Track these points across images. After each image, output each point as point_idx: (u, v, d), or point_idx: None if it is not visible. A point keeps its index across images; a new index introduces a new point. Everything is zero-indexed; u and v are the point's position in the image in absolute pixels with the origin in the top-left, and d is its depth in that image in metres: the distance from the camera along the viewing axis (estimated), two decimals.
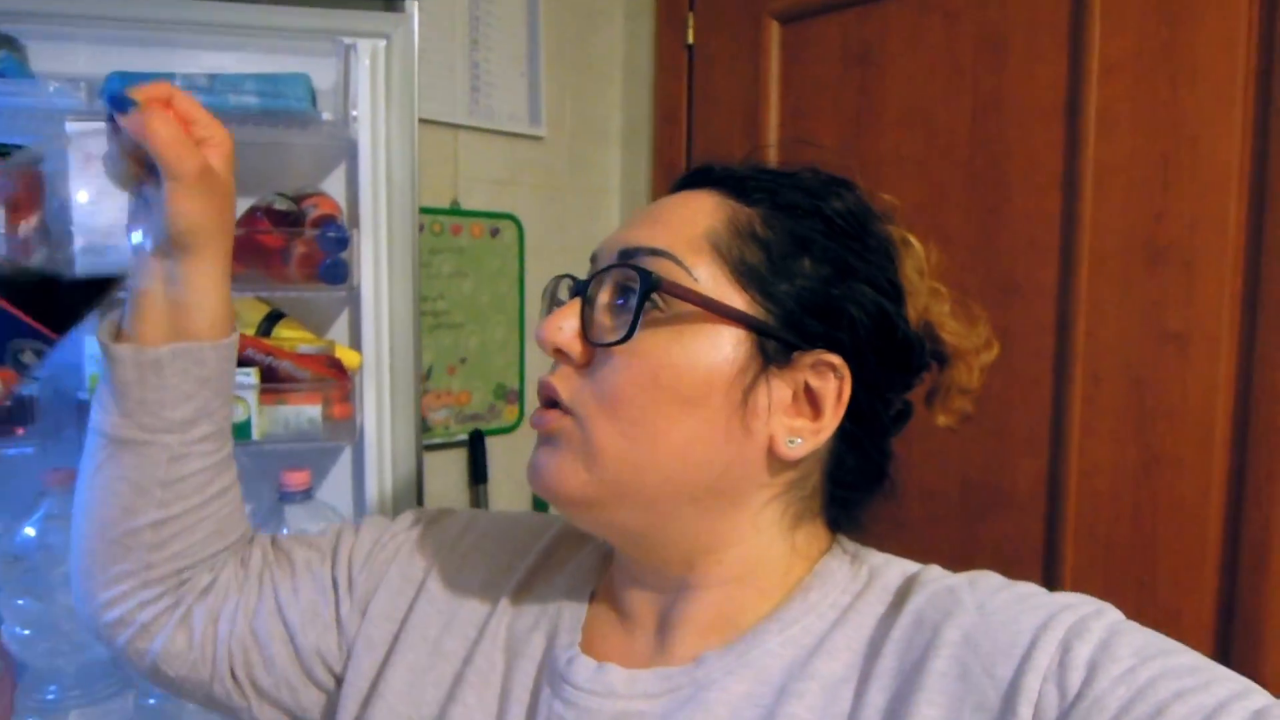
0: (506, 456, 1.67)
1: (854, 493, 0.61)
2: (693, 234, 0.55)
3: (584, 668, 0.58)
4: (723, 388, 0.53)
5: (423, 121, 1.48)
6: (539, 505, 1.69)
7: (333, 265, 1.11)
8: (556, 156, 1.71)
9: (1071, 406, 1.20)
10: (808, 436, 0.55)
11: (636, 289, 0.53)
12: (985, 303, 1.24)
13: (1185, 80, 1.10)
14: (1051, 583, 1.23)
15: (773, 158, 0.68)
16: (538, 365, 1.67)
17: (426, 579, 0.69)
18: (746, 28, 1.56)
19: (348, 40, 1.09)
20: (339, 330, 1.26)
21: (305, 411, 1.10)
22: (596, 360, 0.55)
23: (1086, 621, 0.47)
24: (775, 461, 0.56)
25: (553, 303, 0.63)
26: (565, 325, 0.56)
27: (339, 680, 0.68)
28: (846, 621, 0.55)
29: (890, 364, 0.58)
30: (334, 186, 1.23)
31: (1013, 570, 0.54)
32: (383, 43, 1.14)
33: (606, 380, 0.54)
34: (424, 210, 1.50)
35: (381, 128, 1.14)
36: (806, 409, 0.55)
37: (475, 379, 1.62)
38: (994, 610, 0.50)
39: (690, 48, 1.66)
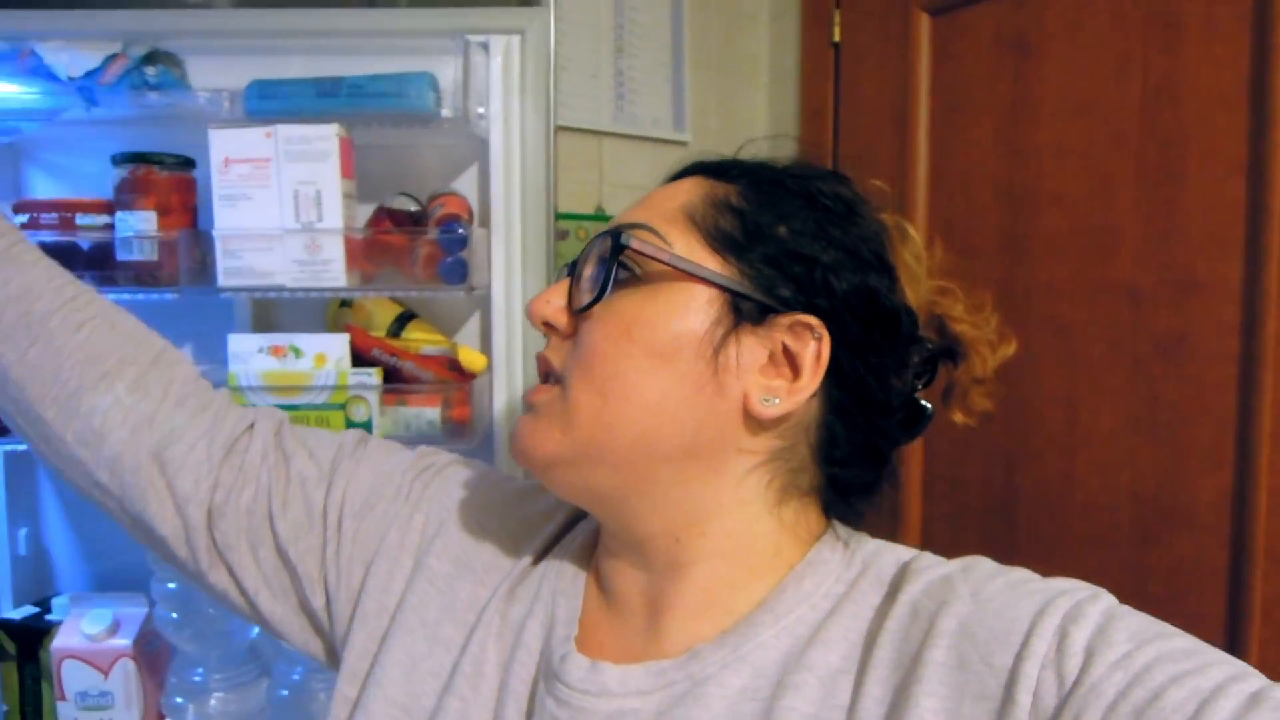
0: None
1: (846, 470, 0.59)
2: (670, 208, 0.58)
3: (577, 666, 0.57)
4: (693, 343, 0.55)
5: (566, 129, 1.52)
6: None
7: (452, 264, 1.10)
8: None
9: (1260, 415, 1.08)
10: (785, 396, 0.55)
11: (630, 265, 0.57)
12: (1160, 303, 1.16)
13: None
14: (1237, 614, 1.12)
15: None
16: None
17: (426, 554, 0.67)
18: (895, 22, 1.51)
19: (479, 38, 1.11)
20: (470, 332, 1.28)
21: (425, 413, 1.12)
22: (580, 329, 0.58)
23: (1082, 606, 0.47)
24: (753, 422, 0.56)
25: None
26: (552, 299, 0.59)
27: (327, 610, 0.69)
28: (841, 611, 0.55)
29: (875, 330, 0.57)
30: (467, 186, 1.25)
31: (1190, 599, 0.50)
32: (516, 39, 1.14)
33: (584, 342, 0.56)
34: (567, 216, 1.53)
35: (516, 125, 1.15)
36: (786, 370, 0.56)
37: None
38: (989, 598, 0.50)
39: (836, 45, 1.62)
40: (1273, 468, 1.07)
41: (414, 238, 1.13)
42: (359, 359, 1.14)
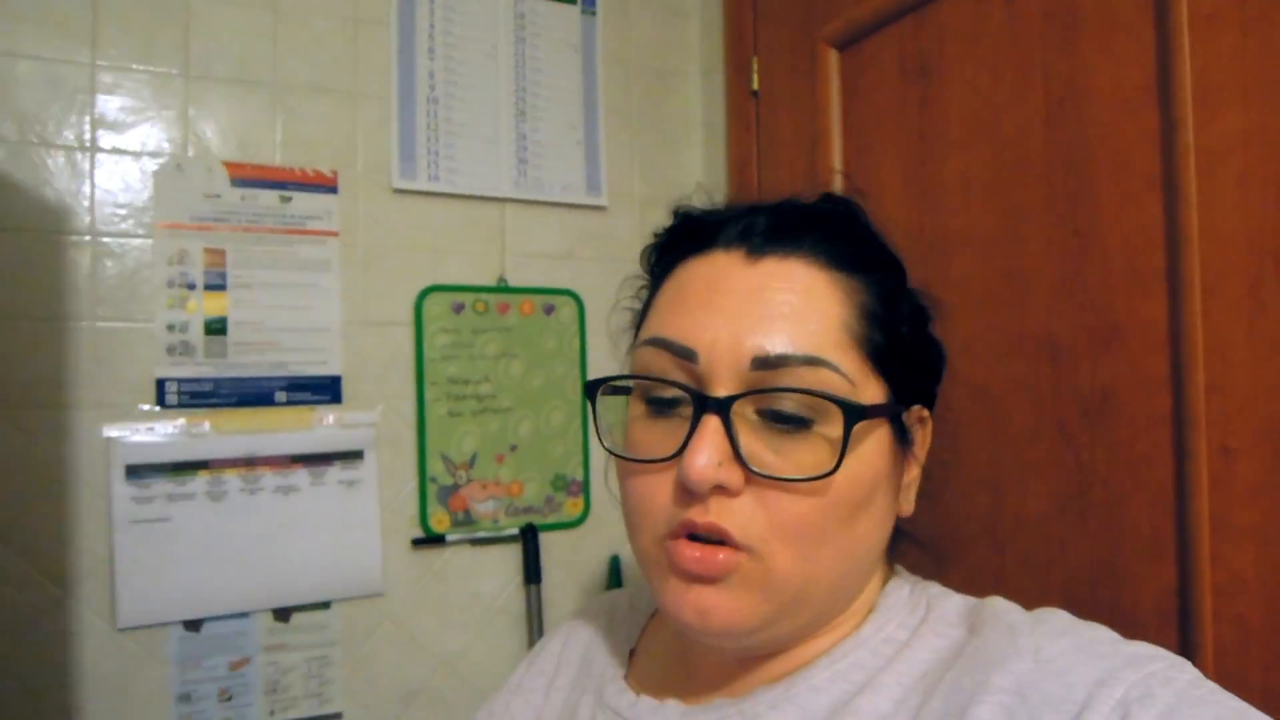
0: (568, 553, 1.51)
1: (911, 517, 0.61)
2: (830, 328, 0.52)
3: (646, 706, 0.58)
4: (884, 483, 0.54)
5: (462, 196, 1.43)
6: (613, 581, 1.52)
7: None
8: (621, 225, 1.58)
9: (1198, 491, 0.84)
10: (913, 490, 0.57)
11: (810, 415, 0.50)
12: (1081, 354, 0.94)
13: None
14: None
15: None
16: (603, 452, 1.51)
17: None
18: (804, 61, 1.36)
19: None
20: None
21: None
22: (758, 484, 0.50)
23: (1152, 684, 0.42)
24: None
25: (595, 411, 0.59)
26: (715, 457, 0.50)
27: None
28: (899, 658, 0.52)
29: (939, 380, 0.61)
30: None
31: None
32: None
33: (787, 510, 0.50)
34: (465, 289, 1.43)
35: None
36: (901, 458, 0.56)
37: (529, 468, 1.48)
38: (1051, 658, 0.46)
39: (755, 93, 1.48)
40: (1216, 561, 0.82)
41: None
42: None
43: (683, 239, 0.59)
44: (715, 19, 1.60)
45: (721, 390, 0.50)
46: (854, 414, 0.49)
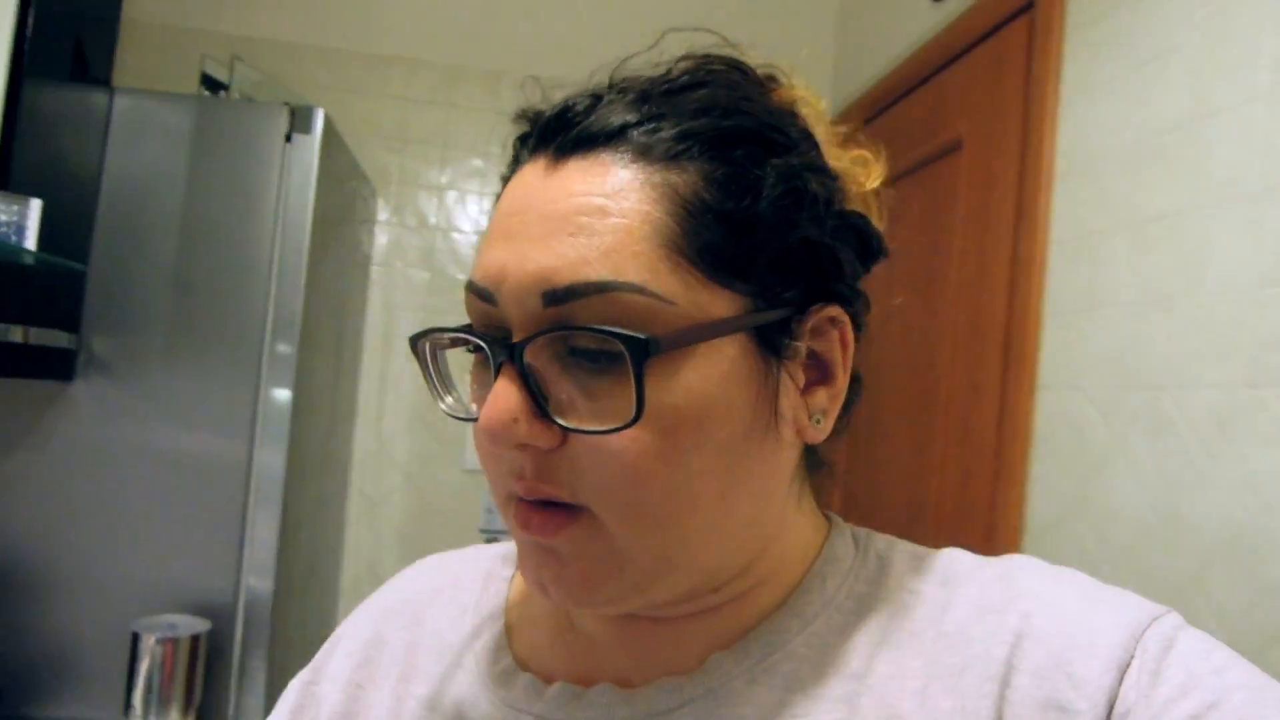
0: None
1: (826, 441, 0.49)
2: (634, 238, 0.41)
3: (560, 696, 0.48)
4: (747, 411, 0.43)
5: None
6: None
7: None
8: None
9: None
10: (829, 406, 0.46)
11: (615, 349, 0.40)
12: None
13: None
14: None
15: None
16: None
17: None
18: None
19: None
20: None
21: None
22: (579, 441, 0.41)
23: (1175, 633, 0.42)
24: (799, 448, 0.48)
25: (433, 368, 0.47)
26: (507, 413, 0.41)
27: None
28: (869, 612, 0.47)
29: (863, 268, 0.49)
30: None
31: None
32: None
33: (611, 462, 0.41)
34: None
35: None
36: (814, 373, 0.46)
37: None
38: (1052, 601, 0.44)
39: None
40: None
41: None
42: None
43: (516, 154, 0.48)
44: None
45: (517, 335, 0.42)
46: (638, 350, 0.39)
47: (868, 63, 2.22)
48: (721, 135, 0.43)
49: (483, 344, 0.43)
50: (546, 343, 0.41)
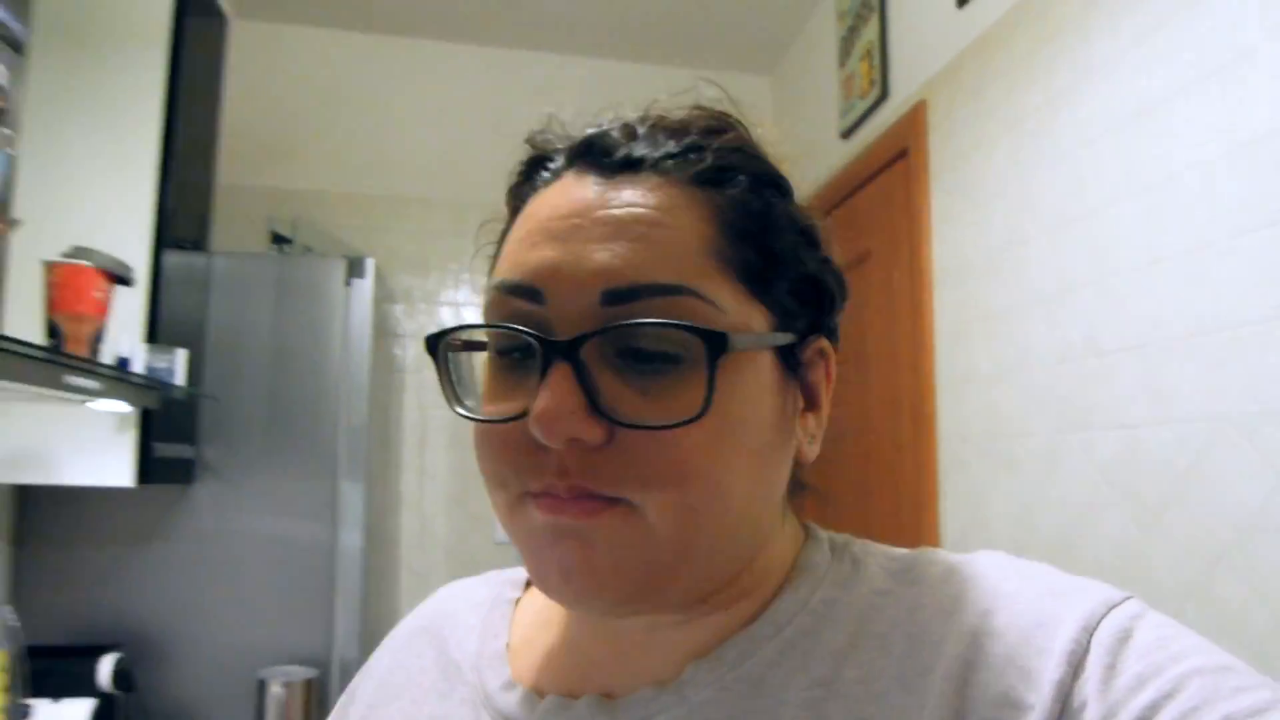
0: None
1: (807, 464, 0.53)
2: (692, 250, 0.44)
3: (551, 707, 0.49)
4: (774, 422, 0.46)
5: None
6: None
7: None
8: None
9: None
10: (816, 432, 0.50)
11: (676, 350, 0.42)
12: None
13: None
14: None
15: None
16: None
17: None
18: None
19: None
20: None
21: None
22: (626, 434, 0.42)
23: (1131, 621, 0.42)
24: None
25: (451, 370, 0.48)
26: (566, 406, 0.41)
27: None
28: (840, 615, 0.48)
29: (837, 312, 0.52)
30: None
31: None
32: None
33: (660, 458, 0.42)
34: None
35: None
36: (804, 403, 0.49)
37: None
38: (1012, 593, 0.45)
39: None
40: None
41: None
42: None
43: (539, 169, 0.50)
44: None
45: (571, 332, 0.42)
46: (717, 344, 0.41)
47: (798, 185, 2.74)
48: (753, 172, 0.47)
49: (534, 340, 0.43)
50: (600, 341, 0.42)
